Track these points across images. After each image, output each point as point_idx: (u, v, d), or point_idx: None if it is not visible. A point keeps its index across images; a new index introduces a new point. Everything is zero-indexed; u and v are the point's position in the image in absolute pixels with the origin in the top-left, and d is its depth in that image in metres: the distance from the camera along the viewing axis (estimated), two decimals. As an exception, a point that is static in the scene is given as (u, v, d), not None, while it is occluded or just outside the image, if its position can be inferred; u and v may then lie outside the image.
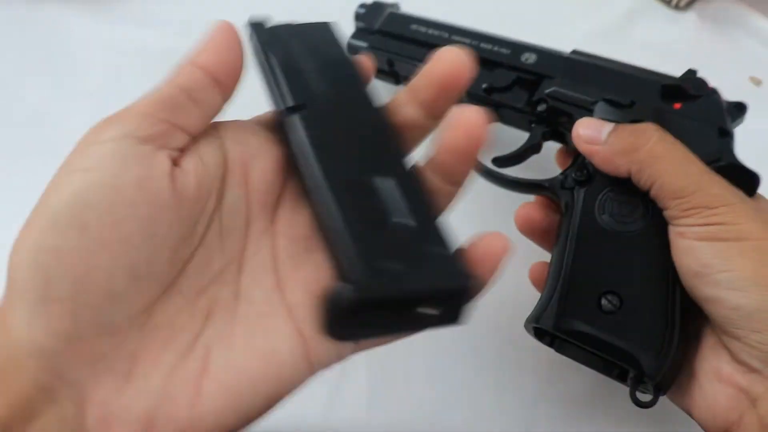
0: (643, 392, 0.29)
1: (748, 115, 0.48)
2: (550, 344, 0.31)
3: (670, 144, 0.29)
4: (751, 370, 0.26)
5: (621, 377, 0.30)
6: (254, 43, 0.26)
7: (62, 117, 0.46)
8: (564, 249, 0.31)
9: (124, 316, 0.20)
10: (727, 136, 0.32)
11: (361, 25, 0.43)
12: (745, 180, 0.30)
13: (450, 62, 0.24)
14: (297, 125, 0.24)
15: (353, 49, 0.43)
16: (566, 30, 0.54)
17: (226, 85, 0.23)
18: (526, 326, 0.32)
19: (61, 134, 0.44)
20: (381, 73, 0.43)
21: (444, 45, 0.25)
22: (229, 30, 0.23)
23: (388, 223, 0.22)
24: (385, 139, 0.25)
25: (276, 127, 0.26)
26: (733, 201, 0.27)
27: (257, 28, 0.26)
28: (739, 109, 0.34)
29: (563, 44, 0.52)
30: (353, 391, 0.35)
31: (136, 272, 0.20)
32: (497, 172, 0.37)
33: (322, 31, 0.27)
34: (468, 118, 0.24)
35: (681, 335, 0.28)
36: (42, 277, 0.19)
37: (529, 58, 0.38)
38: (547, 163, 0.38)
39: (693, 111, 0.33)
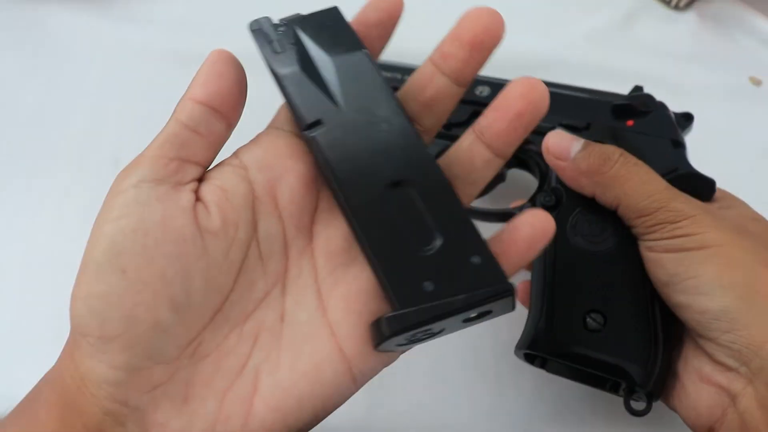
0: (637, 401, 0.29)
1: (749, 115, 0.48)
2: (542, 366, 0.32)
3: (631, 166, 0.30)
4: (728, 369, 0.27)
5: (613, 389, 0.30)
6: (259, 50, 0.25)
7: (62, 117, 0.46)
8: (543, 274, 0.32)
9: (175, 346, 0.22)
10: (679, 146, 0.33)
11: None
12: (701, 186, 0.31)
13: (480, 21, 0.24)
14: (315, 144, 0.23)
15: None
16: (566, 30, 0.54)
17: (226, 112, 0.24)
18: (516, 353, 0.32)
19: (61, 134, 0.45)
20: None
21: (396, 86, 0.25)
22: (221, 58, 0.23)
23: (421, 239, 0.22)
24: (408, 140, 0.24)
25: (298, 132, 0.25)
26: (694, 213, 0.28)
27: (258, 33, 0.25)
28: (686, 119, 0.35)
29: (564, 44, 0.52)
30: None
31: (175, 304, 0.21)
32: (467, 206, 0.37)
33: (330, 19, 0.25)
34: (533, 86, 0.24)
35: (666, 342, 0.29)
36: (97, 320, 0.21)
37: (483, 90, 0.38)
38: (513, 189, 0.39)
39: (645, 126, 0.34)
